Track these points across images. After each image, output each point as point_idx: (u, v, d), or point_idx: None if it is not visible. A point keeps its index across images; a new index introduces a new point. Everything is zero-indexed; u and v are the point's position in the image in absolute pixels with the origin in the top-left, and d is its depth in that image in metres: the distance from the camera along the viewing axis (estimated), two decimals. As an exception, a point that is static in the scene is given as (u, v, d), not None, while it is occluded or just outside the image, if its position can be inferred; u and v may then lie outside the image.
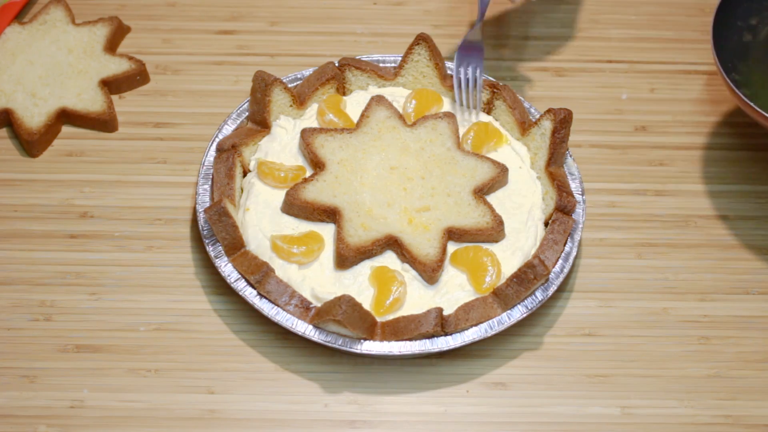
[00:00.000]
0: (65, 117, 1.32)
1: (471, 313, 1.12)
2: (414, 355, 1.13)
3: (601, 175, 1.30)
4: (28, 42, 1.36)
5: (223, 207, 1.14)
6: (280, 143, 1.24)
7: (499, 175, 1.20)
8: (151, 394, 1.13)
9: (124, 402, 1.12)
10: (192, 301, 1.19)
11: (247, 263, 1.14)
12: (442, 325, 1.11)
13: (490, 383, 1.14)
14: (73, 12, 1.40)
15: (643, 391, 1.14)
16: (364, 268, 1.15)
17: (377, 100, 1.25)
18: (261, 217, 1.18)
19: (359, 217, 1.16)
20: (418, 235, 1.16)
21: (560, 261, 1.17)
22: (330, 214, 1.17)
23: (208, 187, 1.21)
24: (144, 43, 1.41)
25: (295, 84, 1.30)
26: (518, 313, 1.13)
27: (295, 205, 1.17)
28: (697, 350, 1.17)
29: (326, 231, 1.18)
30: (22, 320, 1.17)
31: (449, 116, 1.24)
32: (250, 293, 1.14)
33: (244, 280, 1.14)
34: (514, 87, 1.36)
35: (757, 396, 1.14)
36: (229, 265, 1.15)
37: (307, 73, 1.31)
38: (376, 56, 1.33)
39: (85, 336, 1.16)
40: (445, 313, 1.12)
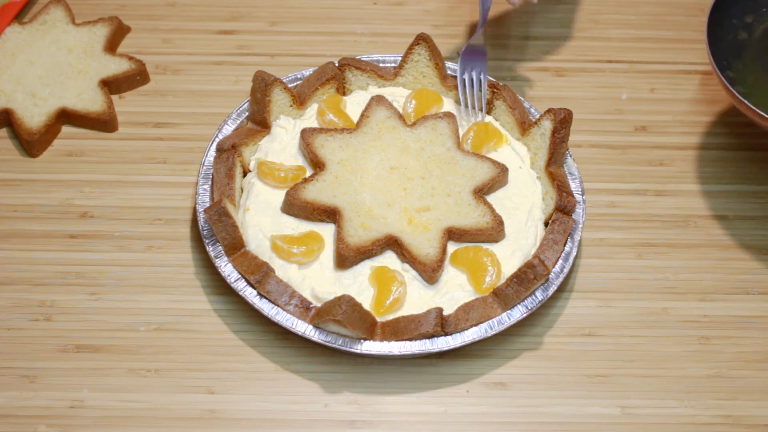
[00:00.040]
0: (65, 117, 1.32)
1: (471, 313, 1.12)
2: (414, 355, 1.13)
3: (601, 175, 1.30)
4: (28, 42, 1.36)
5: (223, 207, 1.14)
6: (280, 143, 1.24)
7: (499, 175, 1.20)
8: (151, 394, 1.13)
9: (124, 402, 1.12)
10: (192, 301, 1.19)
11: (247, 263, 1.14)
12: (442, 325, 1.11)
13: (490, 383, 1.14)
14: (73, 12, 1.40)
15: (643, 391, 1.14)
16: (364, 268, 1.15)
17: (377, 100, 1.25)
18: (261, 217, 1.18)
19: (359, 217, 1.16)
20: (418, 235, 1.16)
21: (560, 261, 1.17)
22: (330, 214, 1.17)
23: (208, 187, 1.21)
24: (144, 43, 1.41)
25: (295, 84, 1.30)
26: (518, 313, 1.13)
27: (295, 205, 1.17)
28: (697, 350, 1.17)
29: (326, 231, 1.18)
30: (22, 320, 1.17)
31: (449, 116, 1.24)
32: (250, 293, 1.14)
33: (244, 280, 1.14)
34: (514, 87, 1.36)
35: (757, 396, 1.14)
36: (229, 265, 1.15)
37: (307, 73, 1.31)
38: (376, 56, 1.33)
39: (85, 336, 1.16)
40: (445, 313, 1.12)
